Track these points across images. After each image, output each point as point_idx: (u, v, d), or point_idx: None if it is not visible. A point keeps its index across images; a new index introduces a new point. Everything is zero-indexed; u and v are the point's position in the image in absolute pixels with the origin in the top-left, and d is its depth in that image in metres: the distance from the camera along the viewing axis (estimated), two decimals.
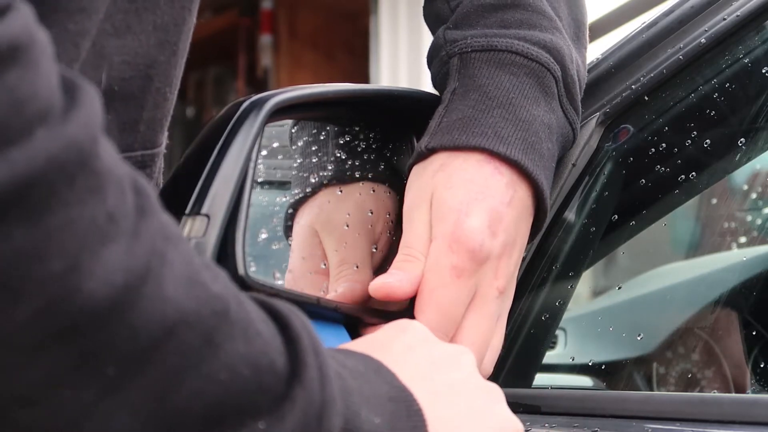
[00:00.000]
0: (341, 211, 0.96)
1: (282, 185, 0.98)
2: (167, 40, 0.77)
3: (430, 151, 0.91)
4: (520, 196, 0.90)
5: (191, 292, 0.57)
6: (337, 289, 0.93)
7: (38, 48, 0.53)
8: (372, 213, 0.97)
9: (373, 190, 0.97)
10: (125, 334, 0.54)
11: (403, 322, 0.78)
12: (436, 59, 0.97)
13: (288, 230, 0.97)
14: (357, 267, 0.94)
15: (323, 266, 0.95)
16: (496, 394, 0.75)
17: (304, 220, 0.97)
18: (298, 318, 0.64)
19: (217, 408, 0.57)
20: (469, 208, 0.88)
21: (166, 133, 0.84)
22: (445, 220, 0.88)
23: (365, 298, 0.91)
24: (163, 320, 0.55)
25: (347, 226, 0.96)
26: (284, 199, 0.98)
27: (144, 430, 0.55)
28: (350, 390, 0.64)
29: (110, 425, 0.54)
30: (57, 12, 0.66)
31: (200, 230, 0.75)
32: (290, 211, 0.97)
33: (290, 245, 0.97)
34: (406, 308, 0.89)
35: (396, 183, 0.97)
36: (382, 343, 0.73)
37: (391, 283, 0.87)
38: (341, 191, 0.97)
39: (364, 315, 0.89)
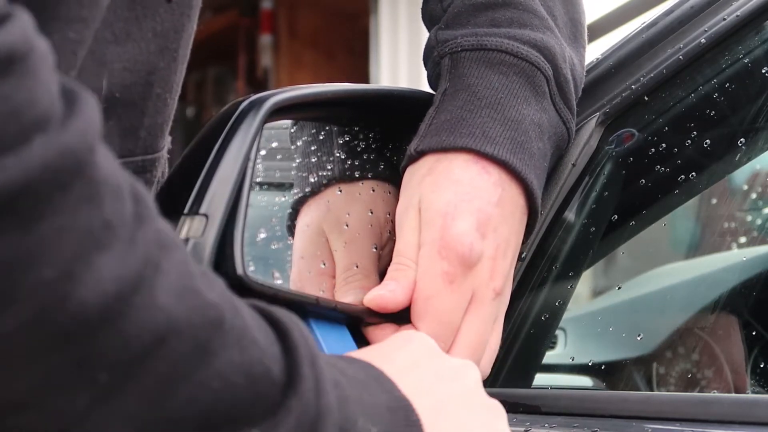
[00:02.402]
0: (342, 211, 0.96)
1: (281, 185, 0.98)
2: (167, 47, 0.77)
3: (419, 154, 0.91)
4: (510, 195, 0.90)
5: (184, 301, 0.57)
6: (347, 296, 0.93)
7: (37, 56, 0.53)
8: (372, 213, 0.97)
9: (373, 190, 0.97)
10: (117, 342, 0.54)
11: (409, 333, 0.78)
12: (429, 60, 0.97)
13: (290, 229, 0.97)
14: (357, 267, 0.94)
15: (323, 266, 0.95)
16: (497, 411, 0.75)
17: (306, 219, 0.96)
18: (297, 327, 0.64)
19: (210, 415, 0.57)
20: (456, 210, 0.87)
21: (168, 138, 0.84)
22: (433, 225, 0.87)
23: None
24: (154, 329, 0.55)
25: (347, 225, 0.95)
26: (283, 199, 0.97)
27: None
28: (347, 399, 0.64)
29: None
30: (57, 20, 0.66)
31: (198, 230, 0.75)
32: (290, 210, 0.97)
33: (290, 244, 0.97)
34: (405, 308, 0.88)
35: (396, 182, 0.97)
36: (387, 354, 0.73)
37: (383, 295, 0.87)
38: (341, 191, 0.96)
39: (363, 315, 0.89)
